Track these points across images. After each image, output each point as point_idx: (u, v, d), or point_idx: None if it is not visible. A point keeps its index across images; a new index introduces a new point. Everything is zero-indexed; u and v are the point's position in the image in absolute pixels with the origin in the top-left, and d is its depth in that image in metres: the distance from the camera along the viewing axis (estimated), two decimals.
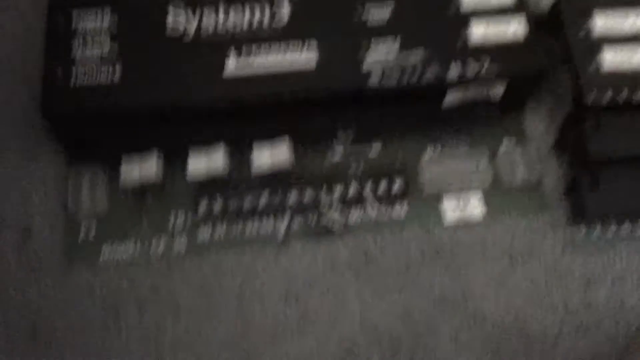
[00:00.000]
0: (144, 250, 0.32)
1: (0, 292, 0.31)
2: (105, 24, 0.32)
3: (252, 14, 0.32)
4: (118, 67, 0.31)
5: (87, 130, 0.32)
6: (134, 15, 0.32)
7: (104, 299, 0.32)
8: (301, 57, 0.31)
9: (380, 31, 0.32)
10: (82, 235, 0.32)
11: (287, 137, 0.33)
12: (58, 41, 0.31)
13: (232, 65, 0.31)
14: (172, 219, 0.33)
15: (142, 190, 0.33)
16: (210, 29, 0.32)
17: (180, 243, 0.32)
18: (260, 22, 0.32)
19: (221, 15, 0.32)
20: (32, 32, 0.37)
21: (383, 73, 0.31)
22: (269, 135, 0.33)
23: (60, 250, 0.32)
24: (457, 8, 0.33)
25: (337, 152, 0.34)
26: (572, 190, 0.33)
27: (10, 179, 0.34)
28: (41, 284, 0.32)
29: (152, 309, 0.31)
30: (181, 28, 0.32)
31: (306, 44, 0.32)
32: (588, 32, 0.33)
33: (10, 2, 0.38)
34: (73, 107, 0.30)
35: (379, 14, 0.32)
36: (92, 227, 0.32)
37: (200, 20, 0.32)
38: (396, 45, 0.32)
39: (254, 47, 0.31)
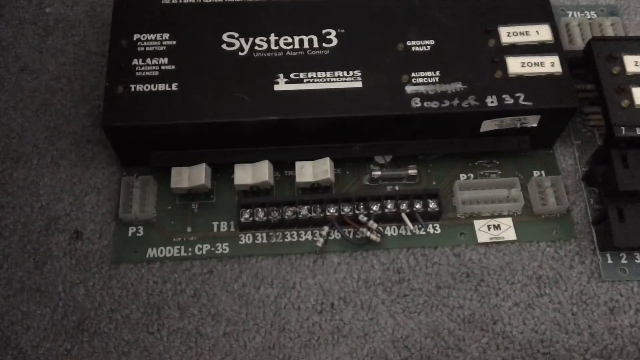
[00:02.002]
0: (188, 256, 0.34)
1: (51, 289, 0.33)
2: (164, 46, 0.34)
3: (301, 43, 0.35)
4: (174, 85, 0.33)
5: (142, 141, 0.34)
6: (190, 39, 0.34)
7: (147, 300, 0.33)
8: (347, 83, 0.34)
9: (421, 63, 0.34)
10: (130, 238, 0.34)
11: (328, 156, 0.34)
12: (119, 61, 0.34)
13: (281, 88, 0.33)
14: (215, 226, 0.35)
15: (189, 199, 0.35)
16: (261, 54, 0.34)
17: (223, 249, 0.34)
18: (309, 51, 0.34)
19: (272, 44, 0.34)
20: (93, 56, 0.40)
21: (422, 102, 0.33)
22: (313, 154, 0.35)
23: (109, 252, 0.34)
24: (496, 43, 0.35)
25: (375, 174, 0.35)
26: (600, 221, 0.35)
27: (65, 185, 0.36)
28: (89, 283, 0.33)
29: (193, 313, 0.33)
30: (235, 52, 0.34)
31: (351, 72, 0.34)
32: (619, 71, 0.34)
33: (75, 30, 0.41)
34: (130, 119, 0.33)
35: (420, 47, 0.34)
36: (139, 232, 0.34)
37: (252, 47, 0.34)
38: (436, 76, 0.34)
39: (302, 73, 0.34)
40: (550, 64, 0.34)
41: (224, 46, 0.34)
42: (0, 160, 0.36)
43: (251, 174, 0.34)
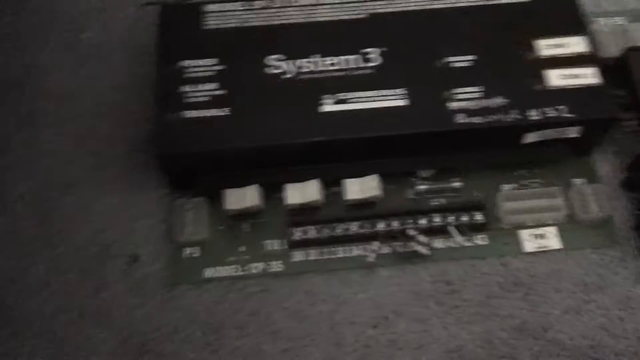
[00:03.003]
0: (242, 274, 0.35)
1: (111, 314, 0.34)
2: (211, 72, 0.35)
3: (345, 63, 0.35)
4: (224, 110, 0.34)
5: (193, 166, 0.34)
6: (236, 64, 0.35)
7: (206, 320, 0.34)
8: (391, 101, 0.34)
9: (463, 78, 0.35)
10: (184, 260, 0.35)
11: (375, 173, 0.35)
12: (168, 88, 0.35)
13: (327, 108, 0.34)
14: (267, 245, 0.35)
15: (241, 218, 0.36)
16: (307, 76, 0.35)
17: (276, 267, 0.35)
18: (353, 70, 0.35)
19: (317, 65, 0.35)
20: (131, 80, 0.40)
21: (466, 117, 0.34)
22: (359, 171, 0.35)
23: (165, 274, 0.35)
24: (535, 56, 0.35)
25: (420, 187, 0.36)
26: None
27: (118, 210, 0.37)
28: (147, 306, 0.34)
29: (251, 331, 0.34)
30: (281, 74, 0.35)
31: (395, 90, 0.34)
32: None
33: (112, 55, 0.41)
34: (181, 147, 0.33)
35: (461, 62, 0.35)
36: (194, 253, 0.35)
37: (297, 69, 0.35)
38: (478, 91, 0.35)
39: (347, 93, 0.34)
40: (589, 75, 0.35)
41: (269, 69, 0.35)
42: (49, 189, 0.37)
43: (301, 193, 0.35)
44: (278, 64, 0.35)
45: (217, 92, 0.34)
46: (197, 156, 0.34)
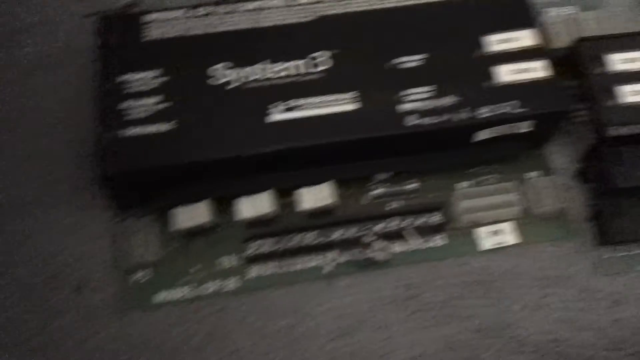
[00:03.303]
0: (197, 295, 0.33)
1: (60, 345, 0.32)
2: (154, 84, 0.33)
3: (293, 69, 0.34)
4: (170, 124, 0.32)
5: (140, 184, 0.33)
6: (180, 75, 0.33)
7: (161, 345, 0.33)
8: (342, 106, 0.33)
9: (414, 79, 0.34)
10: (134, 284, 0.34)
11: (329, 180, 0.34)
12: (110, 103, 0.33)
13: (276, 117, 0.33)
14: (222, 261, 0.34)
15: (193, 236, 0.34)
16: (255, 84, 0.33)
17: (232, 285, 0.34)
18: (301, 76, 0.34)
19: (265, 71, 0.34)
20: (83, 96, 0.38)
21: (418, 117, 0.33)
22: (313, 178, 0.34)
23: (115, 301, 0.33)
24: (483, 53, 0.35)
25: (376, 192, 0.35)
26: (596, 217, 0.36)
27: (65, 234, 0.35)
28: (99, 336, 0.33)
29: (209, 354, 0.33)
30: (227, 84, 0.33)
31: (346, 94, 0.33)
32: (604, 70, 0.35)
33: (59, 70, 0.39)
34: (127, 165, 0.32)
35: (411, 62, 0.34)
36: (144, 276, 0.34)
37: (244, 77, 0.33)
38: (429, 91, 0.34)
39: (296, 100, 0.33)
40: (539, 69, 0.34)
41: (214, 79, 0.33)
42: None
43: (254, 205, 0.34)
44: (224, 73, 0.34)
45: (161, 106, 0.33)
46: (143, 174, 0.32)
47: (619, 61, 0.35)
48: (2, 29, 0.40)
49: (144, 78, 0.33)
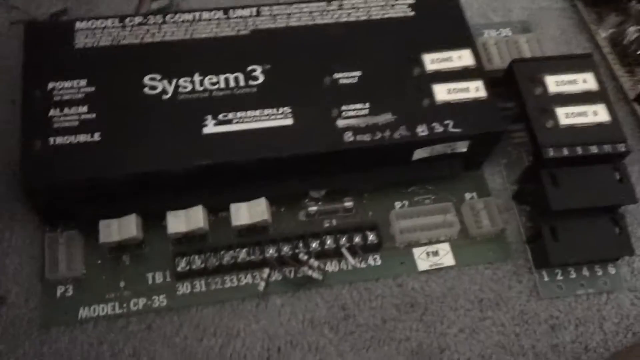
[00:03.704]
0: (123, 312, 0.32)
1: None
2: (82, 94, 0.32)
3: (227, 82, 0.33)
4: (96, 135, 0.31)
5: (65, 197, 0.32)
6: (109, 85, 0.33)
7: None
8: (276, 121, 0.33)
9: (350, 96, 0.34)
10: (58, 299, 0.32)
11: (263, 196, 0.34)
12: (35, 113, 0.32)
13: (209, 130, 0.32)
14: (150, 278, 0.33)
15: (120, 251, 0.33)
16: (187, 97, 0.33)
17: (160, 302, 0.33)
18: (236, 89, 0.33)
19: (197, 84, 0.33)
20: (9, 105, 0.37)
21: (353, 135, 0.33)
22: (247, 194, 0.34)
23: (37, 316, 0.32)
24: (421, 72, 0.35)
25: (312, 209, 0.35)
26: (533, 240, 0.35)
27: None
28: (19, 351, 0.31)
29: None
30: (158, 95, 0.33)
31: (280, 109, 0.33)
32: (541, 92, 0.35)
33: None
34: (52, 177, 0.31)
35: (347, 79, 0.34)
36: (69, 291, 0.32)
37: (176, 89, 0.33)
38: (365, 108, 0.33)
39: (230, 113, 0.33)
40: (475, 89, 0.35)
41: (146, 90, 0.33)
42: None
43: (185, 220, 0.33)
44: (154, 84, 0.33)
45: (87, 116, 0.32)
46: (67, 187, 0.31)
47: (554, 83, 0.35)
48: None
49: (70, 87, 0.32)
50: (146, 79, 0.33)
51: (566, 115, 0.34)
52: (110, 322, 0.32)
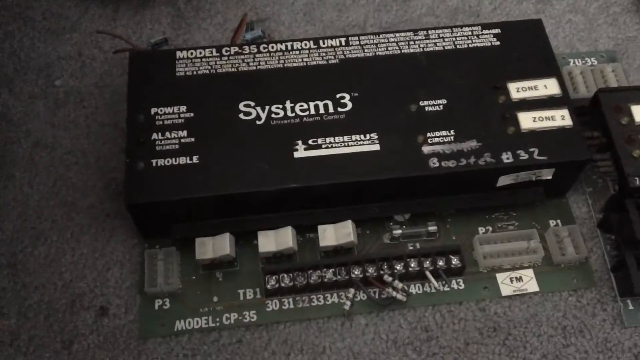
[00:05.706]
0: (216, 325, 0.34)
1: None
2: (182, 119, 0.35)
3: (317, 109, 0.35)
4: (194, 158, 0.34)
5: (164, 215, 0.34)
6: (207, 111, 0.35)
7: None
8: (364, 146, 0.34)
9: (435, 122, 0.35)
10: (155, 312, 0.34)
11: (350, 218, 0.35)
12: (138, 136, 0.34)
13: (299, 154, 0.34)
14: (241, 294, 0.35)
15: (214, 268, 0.35)
16: (279, 122, 0.35)
17: (250, 317, 0.34)
18: (325, 116, 0.35)
19: (288, 110, 0.35)
20: (105, 128, 0.40)
21: (439, 161, 0.34)
22: (334, 216, 0.35)
23: (136, 327, 0.34)
24: (506, 99, 0.35)
25: (396, 232, 0.36)
26: (618, 268, 0.35)
27: (87, 260, 0.36)
28: (118, 359, 0.33)
29: None
30: (252, 121, 0.35)
31: (367, 135, 0.34)
32: (627, 121, 0.35)
33: (86, 102, 0.41)
34: (153, 196, 0.33)
35: (433, 107, 0.35)
36: (166, 304, 0.34)
37: (269, 115, 0.35)
38: (450, 135, 0.34)
39: (319, 139, 0.34)
40: (561, 117, 0.35)
41: (241, 115, 0.35)
42: (19, 239, 0.36)
43: (274, 240, 0.34)
44: (249, 111, 0.35)
45: (187, 140, 0.34)
46: (167, 205, 0.33)
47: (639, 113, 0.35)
48: (38, 61, 0.42)
49: (171, 112, 0.35)
50: (241, 106, 0.35)
51: None
52: (203, 334, 0.34)
